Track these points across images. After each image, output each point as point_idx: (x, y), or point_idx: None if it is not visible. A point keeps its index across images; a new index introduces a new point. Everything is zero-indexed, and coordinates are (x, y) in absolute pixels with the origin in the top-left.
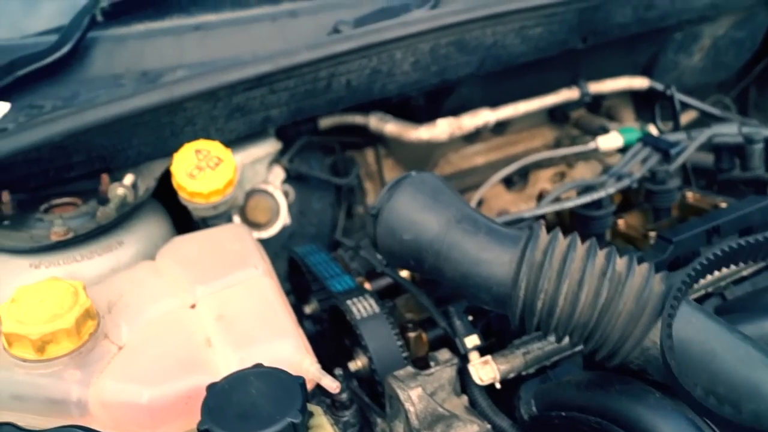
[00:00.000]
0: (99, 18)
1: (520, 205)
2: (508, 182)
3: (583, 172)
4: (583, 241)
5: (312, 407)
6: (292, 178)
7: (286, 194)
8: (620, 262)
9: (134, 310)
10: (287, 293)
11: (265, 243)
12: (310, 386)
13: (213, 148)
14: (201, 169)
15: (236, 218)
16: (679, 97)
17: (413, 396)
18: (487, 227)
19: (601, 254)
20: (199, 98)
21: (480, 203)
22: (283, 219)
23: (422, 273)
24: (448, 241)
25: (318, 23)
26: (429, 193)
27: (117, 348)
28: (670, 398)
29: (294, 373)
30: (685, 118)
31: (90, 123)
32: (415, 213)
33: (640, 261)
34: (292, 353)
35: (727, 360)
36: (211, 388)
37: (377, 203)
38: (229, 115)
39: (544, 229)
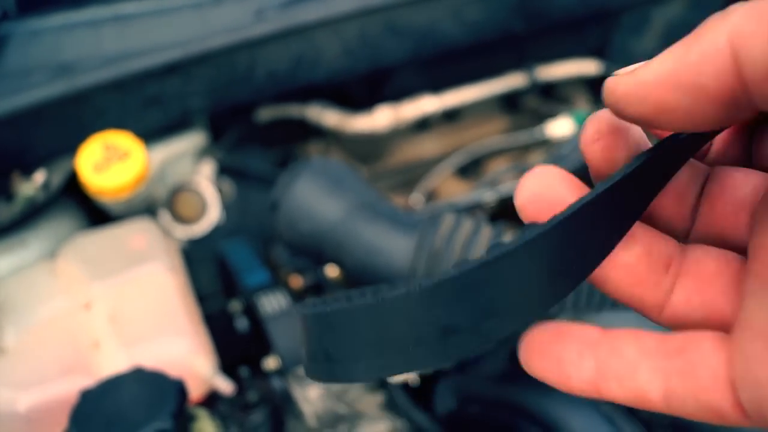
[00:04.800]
0: (11, 11)
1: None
2: (463, 171)
3: (539, 159)
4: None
5: (197, 410)
6: (230, 172)
7: (222, 190)
8: None
9: (24, 312)
10: (216, 291)
11: (201, 240)
12: (204, 388)
13: (122, 140)
14: (108, 162)
15: (164, 215)
16: None
17: (311, 395)
18: (387, 214)
19: (509, 237)
20: (106, 89)
21: (431, 195)
22: (214, 215)
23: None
24: (346, 230)
25: (244, 9)
26: (329, 179)
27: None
28: None
29: (186, 374)
30: None
31: None
32: (313, 201)
33: None
34: (184, 353)
35: None
36: (84, 393)
37: (275, 192)
38: (144, 105)
39: (450, 215)
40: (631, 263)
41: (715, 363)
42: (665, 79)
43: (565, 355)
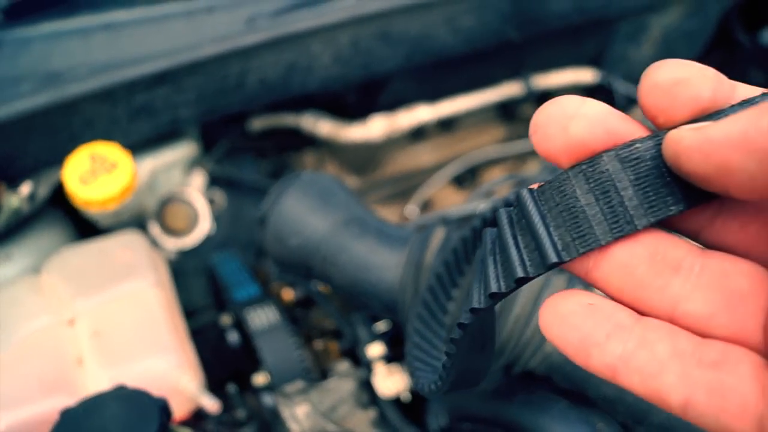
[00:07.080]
0: None
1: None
2: (459, 181)
3: (535, 168)
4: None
5: (181, 430)
6: (222, 183)
7: (213, 200)
8: None
9: (5, 328)
10: (206, 305)
11: (192, 252)
12: (189, 406)
13: (109, 151)
14: (95, 174)
15: (154, 226)
16: (623, 88)
17: (298, 413)
18: (376, 229)
19: None
20: (95, 98)
21: (427, 205)
22: (205, 227)
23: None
24: (334, 245)
25: (235, 17)
26: (318, 194)
27: None
28: (577, 407)
29: (170, 391)
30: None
31: None
32: (301, 216)
33: None
34: (168, 370)
35: None
36: (65, 412)
37: (263, 207)
38: (132, 116)
39: (440, 229)
40: (630, 264)
41: (748, 391)
42: (734, 139)
43: (592, 333)
